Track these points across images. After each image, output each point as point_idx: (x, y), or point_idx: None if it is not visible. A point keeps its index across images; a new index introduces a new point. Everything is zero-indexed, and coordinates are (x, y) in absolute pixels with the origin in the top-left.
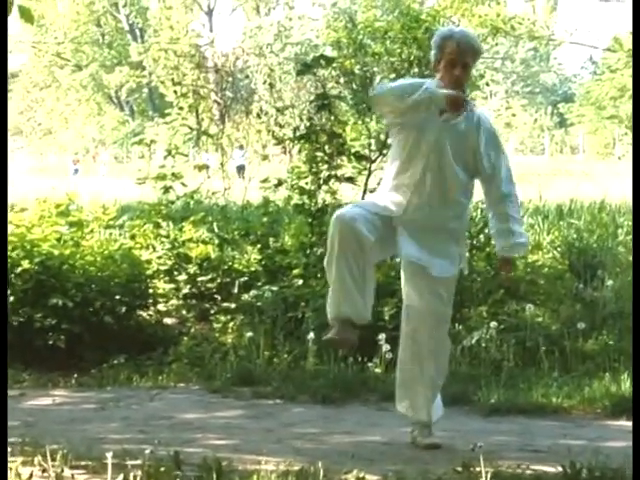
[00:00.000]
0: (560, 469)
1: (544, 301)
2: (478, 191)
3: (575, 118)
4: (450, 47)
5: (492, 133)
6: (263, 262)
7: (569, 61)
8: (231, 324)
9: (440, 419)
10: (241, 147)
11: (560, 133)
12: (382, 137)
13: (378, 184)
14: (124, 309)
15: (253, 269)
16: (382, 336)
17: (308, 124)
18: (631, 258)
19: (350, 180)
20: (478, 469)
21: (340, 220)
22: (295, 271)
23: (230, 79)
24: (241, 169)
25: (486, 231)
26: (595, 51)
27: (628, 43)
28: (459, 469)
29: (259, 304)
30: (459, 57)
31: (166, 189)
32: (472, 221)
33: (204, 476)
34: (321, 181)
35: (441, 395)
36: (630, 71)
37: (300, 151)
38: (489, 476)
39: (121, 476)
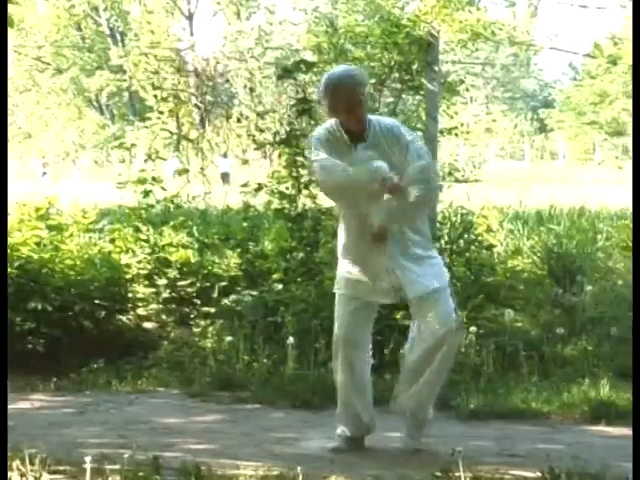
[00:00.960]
0: (539, 474)
1: (523, 306)
2: (457, 196)
3: (555, 124)
4: (335, 93)
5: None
6: (243, 267)
7: (549, 67)
8: (211, 329)
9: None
10: (225, 155)
11: (540, 139)
12: None
13: None
14: (103, 313)
15: (233, 274)
16: None
17: (288, 129)
18: (610, 264)
19: None
20: (457, 474)
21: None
22: (275, 276)
23: (210, 83)
24: (225, 176)
25: (466, 236)
26: (575, 57)
27: (608, 49)
28: (438, 474)
29: (239, 309)
30: (348, 99)
31: (146, 193)
32: (452, 226)
33: None
34: (301, 186)
35: None
36: (609, 77)
37: (280, 156)
38: None
39: None
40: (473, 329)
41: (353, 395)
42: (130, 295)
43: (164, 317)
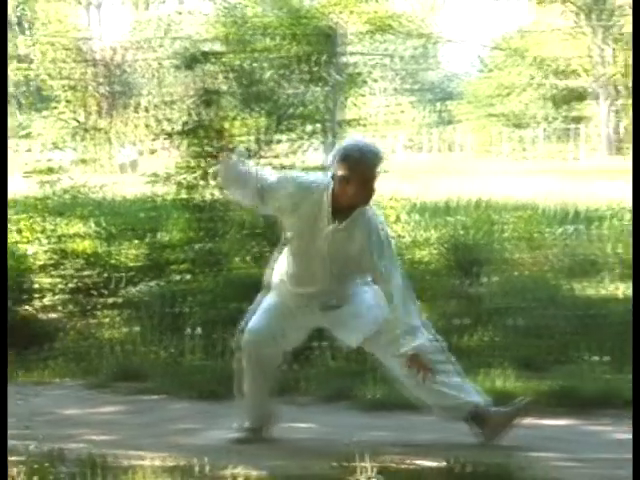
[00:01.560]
0: (445, 463)
1: (430, 297)
2: None
3: (462, 116)
4: (363, 167)
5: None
6: (150, 257)
7: (455, 59)
8: (116, 319)
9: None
10: (133, 144)
11: (447, 130)
12: (268, 133)
13: None
14: (9, 303)
15: (139, 264)
16: None
17: (195, 119)
18: (515, 255)
19: None
20: (358, 464)
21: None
22: (182, 266)
23: (117, 73)
24: (132, 166)
25: None
26: (481, 49)
27: (513, 42)
28: (340, 464)
29: (145, 299)
30: (371, 175)
31: (52, 183)
32: None
33: (86, 472)
34: (207, 176)
35: (325, 390)
36: (516, 69)
37: (188, 146)
38: (369, 471)
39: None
40: None
41: (258, 387)
42: (36, 285)
43: (70, 307)
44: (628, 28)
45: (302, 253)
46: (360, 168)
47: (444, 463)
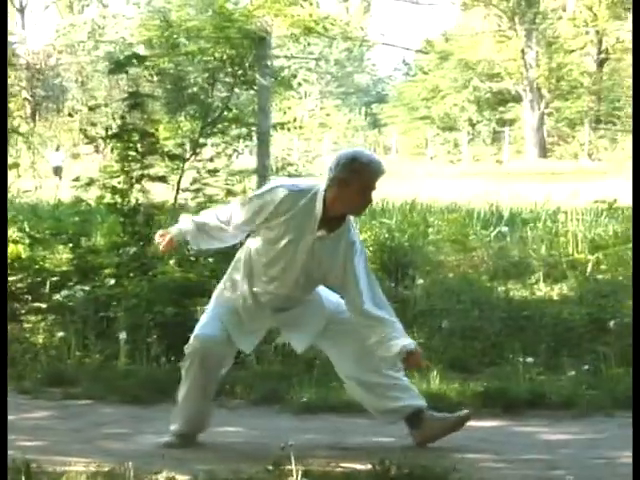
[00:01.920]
0: (370, 466)
1: None
2: None
3: (388, 119)
4: (371, 180)
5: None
6: (74, 262)
7: (382, 62)
8: (42, 324)
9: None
10: (57, 148)
11: (373, 133)
12: (195, 136)
13: (191, 183)
14: None
15: (64, 269)
16: None
17: (120, 123)
18: (441, 257)
19: (162, 179)
20: (289, 467)
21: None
22: (107, 270)
23: (41, 77)
24: (57, 170)
25: None
26: (407, 53)
27: (439, 45)
28: (270, 468)
29: (70, 304)
30: (373, 183)
31: None
32: None
33: (13, 478)
34: (133, 180)
35: (253, 394)
36: (441, 72)
37: (112, 150)
38: (299, 474)
39: None
40: None
41: (202, 393)
42: None
43: None
44: (551, 32)
45: (281, 256)
46: (365, 173)
47: (369, 466)
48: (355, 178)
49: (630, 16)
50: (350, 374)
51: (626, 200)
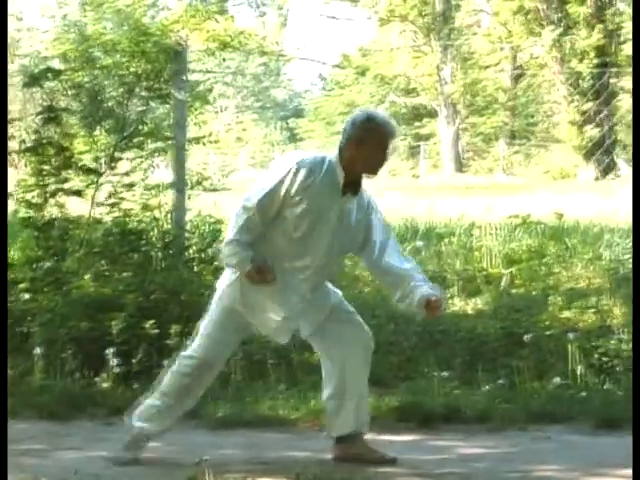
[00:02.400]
0: None
1: None
2: (206, 205)
3: (305, 133)
4: (386, 140)
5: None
6: None
7: (299, 77)
8: None
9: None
10: None
11: (290, 148)
12: (111, 150)
13: (107, 197)
14: None
15: None
16: (110, 350)
17: (35, 137)
18: (357, 271)
19: (78, 193)
20: None
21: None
22: (21, 285)
23: None
24: None
25: (214, 245)
26: (324, 67)
27: (356, 60)
28: None
29: None
30: (388, 142)
31: None
32: (201, 236)
33: None
34: (48, 194)
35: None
36: (358, 87)
37: (27, 164)
38: None
39: None
40: None
41: (179, 408)
42: None
43: None
44: (466, 48)
45: (313, 227)
46: (381, 131)
47: None
48: (371, 136)
49: (544, 32)
50: (332, 391)
51: (539, 214)
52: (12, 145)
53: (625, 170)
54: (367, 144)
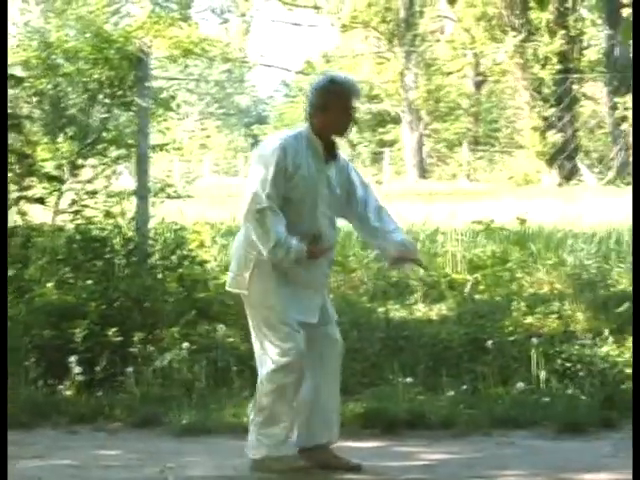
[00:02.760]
0: None
1: (235, 321)
2: (170, 212)
3: None
4: (348, 96)
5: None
6: None
7: (262, 83)
8: None
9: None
10: None
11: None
12: (73, 157)
13: (69, 205)
14: None
15: None
16: (73, 358)
17: None
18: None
19: (40, 201)
20: None
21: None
22: None
23: None
24: None
25: (178, 252)
26: (287, 74)
27: (320, 66)
28: None
29: None
30: (351, 102)
31: None
32: (165, 243)
33: None
34: (10, 202)
35: (133, 417)
36: None
37: None
38: None
39: None
40: (186, 345)
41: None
42: None
43: None
44: (429, 54)
45: (306, 199)
46: (344, 92)
47: None
48: (335, 99)
49: (507, 39)
50: (308, 397)
51: (503, 220)
52: None
53: (588, 176)
54: (332, 107)
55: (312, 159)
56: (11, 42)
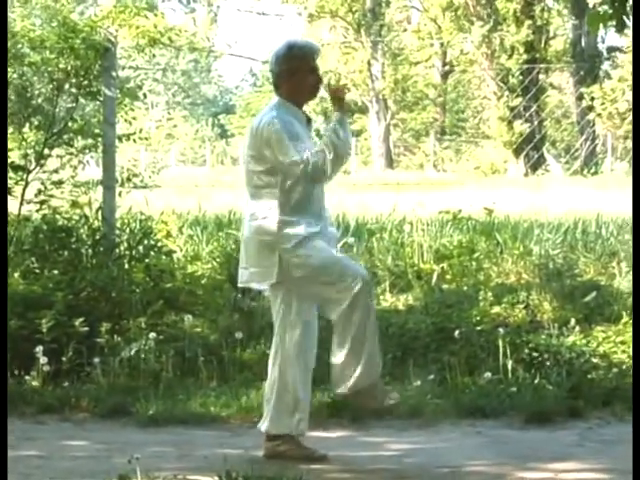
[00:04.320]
0: (217, 478)
1: (203, 311)
2: (137, 202)
3: (235, 129)
4: (309, 56)
5: None
6: None
7: (229, 73)
8: None
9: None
10: None
11: (221, 144)
12: (39, 147)
13: (35, 195)
14: None
15: None
16: (39, 348)
17: None
18: None
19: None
20: None
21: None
22: None
23: None
24: None
25: (145, 242)
26: (254, 63)
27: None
28: None
29: None
30: (314, 62)
31: None
32: (131, 232)
33: None
34: None
35: (100, 407)
36: None
37: None
38: None
39: None
40: (153, 335)
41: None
42: None
43: None
44: (396, 44)
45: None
46: (305, 55)
47: (216, 477)
48: (298, 63)
49: (473, 29)
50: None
51: (470, 210)
52: None
53: (554, 165)
54: (298, 72)
55: (301, 125)
56: None
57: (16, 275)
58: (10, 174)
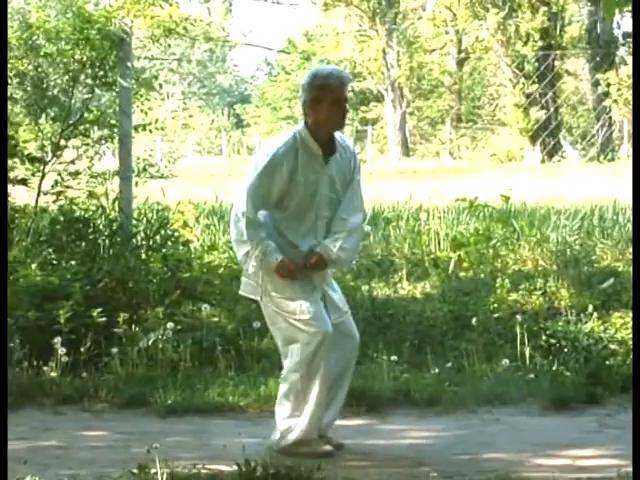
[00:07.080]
0: (235, 467)
1: (220, 301)
2: (153, 192)
3: (251, 119)
4: (325, 86)
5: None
6: None
7: (245, 63)
8: None
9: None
10: None
11: (237, 134)
12: (56, 138)
13: (52, 186)
14: None
15: None
16: (58, 339)
17: None
18: None
19: (23, 182)
20: (154, 470)
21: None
22: None
23: None
24: None
25: (162, 232)
26: (270, 53)
27: (301, 45)
28: (135, 471)
29: None
30: (338, 94)
31: None
32: (148, 223)
33: None
34: None
35: (118, 398)
36: (304, 72)
37: None
38: (164, 477)
39: None
40: (171, 325)
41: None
42: None
43: None
44: (411, 32)
45: (303, 207)
46: (329, 84)
47: (235, 467)
48: (322, 93)
49: (488, 16)
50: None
51: (486, 197)
52: None
53: (570, 152)
54: (322, 102)
55: (309, 162)
56: None
57: (34, 266)
58: (26, 165)
